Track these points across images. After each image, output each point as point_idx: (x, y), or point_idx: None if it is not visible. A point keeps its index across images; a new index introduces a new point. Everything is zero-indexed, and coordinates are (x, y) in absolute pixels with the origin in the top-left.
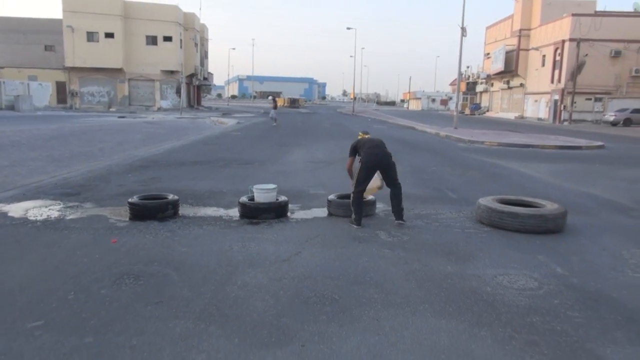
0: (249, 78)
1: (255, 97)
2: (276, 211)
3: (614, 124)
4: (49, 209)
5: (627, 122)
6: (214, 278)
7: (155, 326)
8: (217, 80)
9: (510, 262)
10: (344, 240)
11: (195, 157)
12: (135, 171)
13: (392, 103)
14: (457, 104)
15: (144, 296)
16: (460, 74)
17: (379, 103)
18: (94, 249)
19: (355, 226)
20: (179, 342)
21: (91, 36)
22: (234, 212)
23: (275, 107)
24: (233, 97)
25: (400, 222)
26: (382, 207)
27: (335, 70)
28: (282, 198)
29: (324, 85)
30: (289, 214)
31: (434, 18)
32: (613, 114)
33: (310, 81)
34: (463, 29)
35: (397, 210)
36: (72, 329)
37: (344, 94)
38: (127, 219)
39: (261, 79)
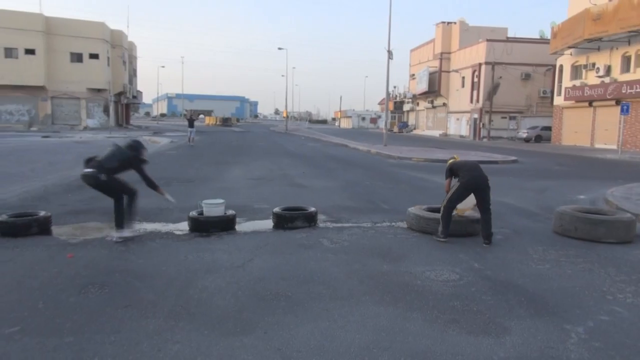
0: (178, 96)
1: (185, 115)
2: (226, 224)
3: (526, 140)
4: None
5: (538, 139)
6: (176, 284)
7: (129, 325)
8: (145, 98)
9: (436, 260)
10: (291, 247)
11: (133, 177)
12: (74, 191)
13: (324, 121)
14: (385, 123)
15: (112, 302)
16: (388, 94)
17: (311, 121)
18: (51, 263)
19: (442, 239)
20: (154, 336)
21: (9, 52)
22: (184, 226)
23: (191, 125)
24: (162, 115)
25: (487, 243)
26: (324, 217)
27: (267, 89)
28: (230, 212)
29: (255, 104)
30: (236, 226)
31: (363, 39)
32: (525, 131)
33: (242, 99)
34: (389, 52)
35: (487, 235)
36: (50, 332)
37: (276, 112)
38: (80, 235)
39: (191, 97)
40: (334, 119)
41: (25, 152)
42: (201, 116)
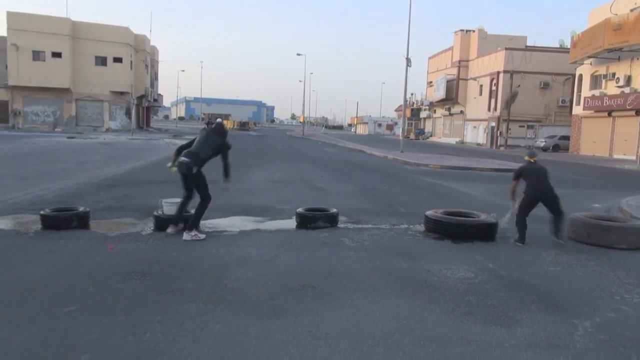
0: (196, 100)
1: (203, 119)
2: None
3: (544, 149)
4: (35, 223)
5: (556, 148)
6: (211, 274)
7: (173, 308)
8: (164, 101)
9: (452, 260)
10: (315, 245)
11: (160, 177)
12: (105, 190)
13: (340, 127)
14: (403, 130)
15: (155, 288)
16: (405, 101)
17: (327, 127)
18: (94, 254)
19: (519, 244)
20: (196, 318)
21: (37, 55)
22: (209, 223)
23: None
24: (181, 118)
25: (561, 242)
26: (344, 219)
27: (283, 94)
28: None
29: (272, 109)
30: (259, 226)
31: (380, 45)
32: (543, 140)
33: (259, 104)
34: (408, 60)
35: (555, 230)
36: (104, 312)
37: (293, 117)
38: (115, 231)
39: (209, 101)
40: (350, 125)
41: (55, 152)
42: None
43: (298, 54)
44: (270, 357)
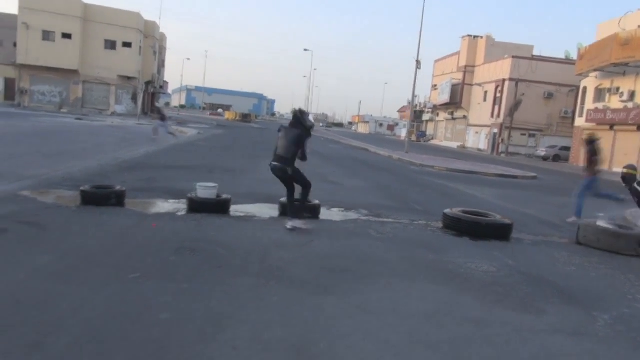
0: (198, 89)
1: (204, 108)
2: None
3: (544, 158)
4: (74, 199)
5: (556, 158)
6: (254, 254)
7: (228, 281)
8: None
9: (474, 255)
10: (344, 234)
11: (178, 162)
12: (128, 171)
13: (340, 125)
14: (408, 131)
15: (206, 263)
16: (413, 103)
17: (328, 125)
18: (139, 230)
19: None
20: (252, 289)
21: (47, 35)
22: (240, 208)
23: (163, 119)
24: (182, 106)
25: None
26: (365, 212)
27: (285, 88)
28: (225, 196)
29: (273, 102)
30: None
31: (383, 46)
32: (544, 149)
33: (260, 97)
34: (418, 62)
35: None
36: (167, 280)
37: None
38: (151, 210)
39: (210, 91)
40: (350, 123)
41: (68, 134)
42: (220, 110)
43: (305, 50)
44: (328, 325)
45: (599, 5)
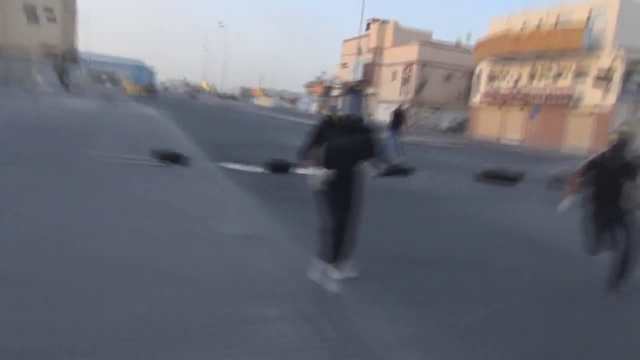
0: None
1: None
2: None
3: (449, 130)
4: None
5: (456, 129)
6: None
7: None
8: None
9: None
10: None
11: (227, 141)
12: (216, 149)
13: (233, 97)
14: (319, 106)
15: (297, 194)
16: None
17: (220, 97)
18: (256, 178)
19: None
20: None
21: None
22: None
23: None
24: None
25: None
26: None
27: (172, 57)
28: None
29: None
30: None
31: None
32: (448, 123)
33: (139, 66)
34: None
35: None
36: (284, 201)
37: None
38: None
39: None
40: (245, 96)
41: (104, 122)
42: (103, 76)
43: (220, 25)
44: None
45: None
